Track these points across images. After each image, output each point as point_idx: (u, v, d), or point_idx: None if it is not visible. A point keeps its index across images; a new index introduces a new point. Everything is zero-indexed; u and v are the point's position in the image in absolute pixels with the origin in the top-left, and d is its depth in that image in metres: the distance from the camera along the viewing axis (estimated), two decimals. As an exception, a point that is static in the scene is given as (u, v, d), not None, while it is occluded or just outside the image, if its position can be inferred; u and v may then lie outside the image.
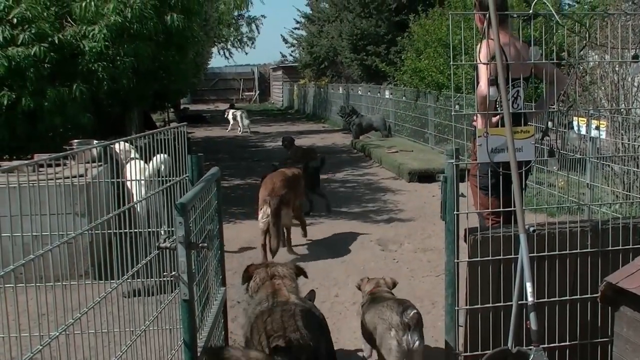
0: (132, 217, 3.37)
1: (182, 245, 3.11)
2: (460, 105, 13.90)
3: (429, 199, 11.96)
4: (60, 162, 4.67)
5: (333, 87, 31.13)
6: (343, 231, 9.77)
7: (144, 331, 3.30)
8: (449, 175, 4.37)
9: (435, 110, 17.79)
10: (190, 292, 3.19)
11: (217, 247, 4.62)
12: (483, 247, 4.41)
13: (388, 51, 27.72)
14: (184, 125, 4.28)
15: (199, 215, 3.84)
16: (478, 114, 5.37)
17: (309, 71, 37.37)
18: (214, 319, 4.21)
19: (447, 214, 4.41)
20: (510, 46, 5.28)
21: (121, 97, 11.55)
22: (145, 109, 20.55)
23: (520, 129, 4.52)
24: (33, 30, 9.60)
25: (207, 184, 4.04)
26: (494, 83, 4.55)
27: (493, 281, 4.44)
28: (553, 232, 4.50)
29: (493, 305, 4.45)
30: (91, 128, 10.39)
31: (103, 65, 10.19)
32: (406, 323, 4.49)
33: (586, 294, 4.53)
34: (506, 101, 4.30)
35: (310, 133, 25.11)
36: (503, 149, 4.38)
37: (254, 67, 55.40)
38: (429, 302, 6.68)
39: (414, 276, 7.58)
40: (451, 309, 4.50)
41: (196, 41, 13.81)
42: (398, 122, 21.24)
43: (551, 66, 5.25)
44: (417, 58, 20.63)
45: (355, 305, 6.65)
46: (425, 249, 8.68)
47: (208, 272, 4.30)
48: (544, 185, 9.63)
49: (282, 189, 8.42)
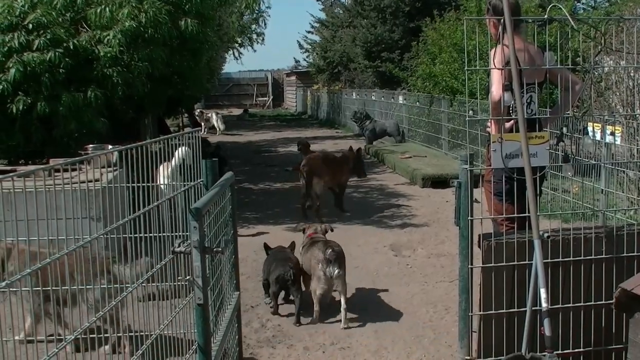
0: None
1: (197, 250, 3.12)
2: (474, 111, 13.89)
3: (443, 204, 11.94)
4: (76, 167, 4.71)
5: (347, 92, 31.12)
6: (356, 236, 9.77)
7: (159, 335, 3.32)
8: (463, 180, 4.38)
9: (449, 115, 17.76)
10: (205, 297, 3.20)
11: (232, 252, 4.63)
12: (497, 252, 4.40)
13: (402, 57, 27.71)
14: (198, 131, 4.30)
15: (213, 220, 3.85)
16: (492, 120, 5.36)
17: (323, 76, 37.38)
18: (228, 323, 4.22)
19: (461, 220, 4.42)
20: (524, 52, 5.28)
21: (135, 102, 11.60)
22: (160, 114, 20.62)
23: (535, 135, 4.52)
24: (48, 36, 9.66)
25: (222, 188, 4.06)
26: (508, 88, 4.55)
27: (507, 287, 4.44)
28: (567, 238, 4.49)
29: (507, 311, 4.45)
30: (106, 133, 10.44)
31: (117, 70, 10.23)
32: (327, 259, 6.25)
33: (600, 300, 4.51)
34: (521, 107, 4.30)
35: (323, 139, 25.10)
36: (517, 155, 4.38)
37: (267, 73, 55.45)
38: (442, 308, 6.67)
39: (427, 282, 7.57)
40: (465, 314, 4.50)
41: (210, 46, 13.85)
42: (412, 128, 21.21)
43: (566, 72, 5.24)
44: (431, 63, 20.61)
45: (368, 310, 6.66)
46: (439, 254, 8.66)
47: (222, 276, 4.32)
48: (559, 191, 9.59)
49: (317, 164, 11.08)
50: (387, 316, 6.51)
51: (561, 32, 5.04)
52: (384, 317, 6.48)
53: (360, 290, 7.29)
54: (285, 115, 43.35)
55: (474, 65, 12.20)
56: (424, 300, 6.95)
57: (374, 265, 8.29)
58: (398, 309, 6.71)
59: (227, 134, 28.37)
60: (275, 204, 12.52)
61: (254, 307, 6.83)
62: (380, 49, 29.08)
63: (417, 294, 7.17)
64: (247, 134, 29.15)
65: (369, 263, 8.38)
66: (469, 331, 4.51)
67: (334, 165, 11.59)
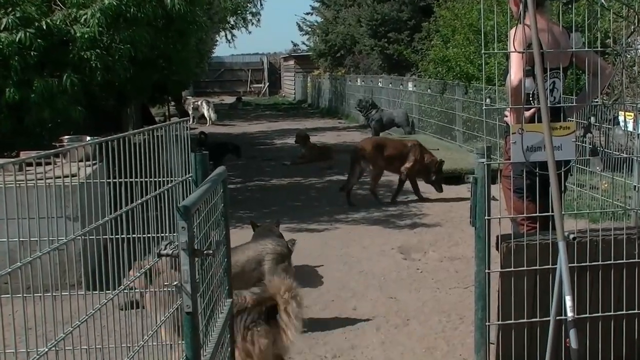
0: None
1: (185, 253, 3.12)
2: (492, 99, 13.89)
3: (457, 202, 11.95)
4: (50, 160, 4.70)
5: (350, 78, 31.13)
6: (360, 237, 9.78)
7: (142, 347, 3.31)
8: (480, 176, 4.37)
9: (463, 104, 17.76)
10: (194, 304, 3.19)
11: (224, 255, 4.63)
12: (517, 256, 4.40)
13: (411, 38, 27.70)
14: (187, 120, 4.29)
15: (203, 220, 3.85)
16: (511, 109, 5.35)
17: (324, 61, 37.38)
18: (220, 333, 4.21)
19: (477, 219, 4.41)
20: (548, 33, 5.27)
21: (116, 88, 11.59)
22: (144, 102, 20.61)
23: (560, 125, 4.51)
24: (18, 14, 9.61)
25: (213, 185, 4.05)
26: (529, 73, 4.54)
27: (528, 294, 4.44)
28: (596, 240, 4.49)
29: (528, 320, 4.45)
30: (83, 123, 10.42)
31: (96, 53, 10.20)
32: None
33: (633, 309, 4.52)
34: (543, 94, 4.29)
35: (325, 130, 25.12)
36: (540, 147, 4.38)
37: (263, 57, 55.47)
38: (456, 317, 6.67)
39: (439, 288, 7.58)
40: (481, 324, 4.50)
41: (199, 27, 13.83)
42: (422, 118, 21.22)
43: (594, 55, 5.23)
44: (444, 46, 20.59)
45: (375, 318, 6.67)
46: (453, 257, 8.67)
47: (213, 282, 4.31)
48: (586, 187, 9.59)
49: (370, 149, 12.25)
50: (395, 326, 6.52)
51: (589, 11, 5.02)
52: (391, 327, 6.48)
53: (366, 297, 7.30)
54: (282, 103, 43.40)
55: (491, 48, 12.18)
56: (436, 308, 6.96)
57: (380, 269, 8.30)
58: (407, 318, 6.72)
59: (219, 125, 28.39)
60: (271, 202, 12.54)
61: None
62: (388, 29, 29.06)
63: (428, 301, 7.17)
64: (240, 124, 29.19)
65: (375, 267, 8.39)
66: (486, 343, 4.51)
67: (391, 150, 12.48)
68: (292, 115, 34.13)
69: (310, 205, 12.21)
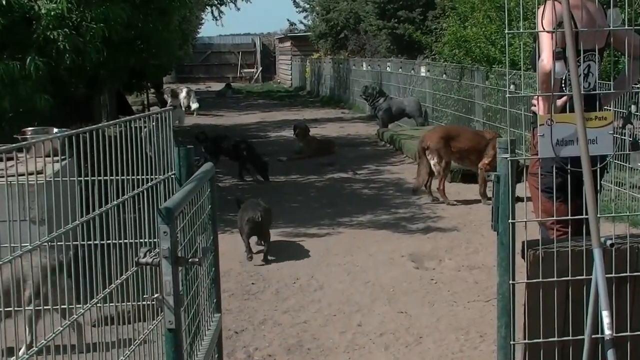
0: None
1: (168, 261, 3.11)
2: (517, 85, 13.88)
3: (476, 204, 11.95)
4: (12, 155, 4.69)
5: (355, 62, 31.13)
6: (366, 243, 9.78)
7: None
8: (503, 173, 4.36)
9: (484, 91, 17.75)
10: (177, 320, 3.19)
11: (211, 263, 4.62)
12: (546, 265, 4.39)
13: (424, 17, 27.70)
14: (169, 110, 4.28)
15: (188, 224, 3.84)
16: (539, 96, 5.34)
17: (325, 43, 37.38)
18: (207, 352, 4.21)
19: (500, 223, 4.40)
20: (581, 9, 5.26)
21: (88, 73, 11.60)
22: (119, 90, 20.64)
23: (595, 115, 4.50)
24: (-29, -12, 9.61)
25: (199, 184, 4.04)
26: (560, 56, 4.53)
27: (559, 309, 4.43)
28: (637, 247, 4.48)
29: (559, 339, 4.44)
30: (50, 113, 10.41)
31: (64, 33, 10.17)
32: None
33: (679, 325, 4.50)
34: (577, 79, 4.28)
35: (326, 121, 25.14)
36: (572, 141, 4.36)
37: (255, 37, 55.51)
38: (476, 334, 6.67)
39: (457, 301, 7.57)
40: (505, 343, 4.49)
41: (182, 3, 13.84)
42: (437, 107, 21.21)
43: (635, 35, 5.21)
44: (461, 25, 20.57)
45: (383, 336, 6.67)
46: (472, 266, 8.67)
47: (199, 294, 4.31)
48: (625, 186, 9.60)
49: (437, 140, 12.14)
50: (405, 345, 6.52)
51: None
52: (401, 346, 6.49)
53: (372, 312, 7.30)
54: (277, 91, 43.41)
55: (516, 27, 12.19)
56: (452, 324, 6.96)
57: (389, 279, 8.29)
58: (420, 335, 6.72)
59: (203, 115, 28.40)
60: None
61: (239, 333, 6.83)
62: (397, 6, 29.07)
63: (444, 316, 7.17)
64: (229, 114, 29.18)
65: (383, 277, 8.39)
66: (511, 364, 4.50)
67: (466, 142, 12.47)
68: (289, 104, 34.15)
69: (309, 207, 12.20)
